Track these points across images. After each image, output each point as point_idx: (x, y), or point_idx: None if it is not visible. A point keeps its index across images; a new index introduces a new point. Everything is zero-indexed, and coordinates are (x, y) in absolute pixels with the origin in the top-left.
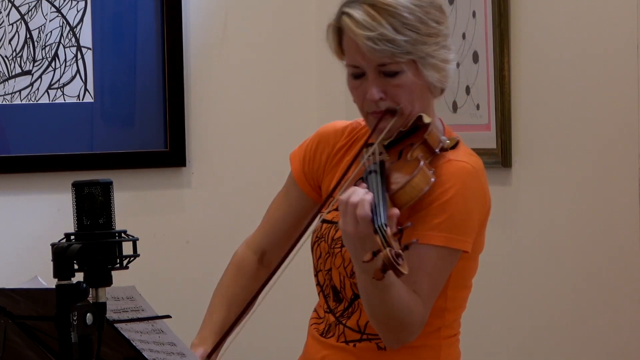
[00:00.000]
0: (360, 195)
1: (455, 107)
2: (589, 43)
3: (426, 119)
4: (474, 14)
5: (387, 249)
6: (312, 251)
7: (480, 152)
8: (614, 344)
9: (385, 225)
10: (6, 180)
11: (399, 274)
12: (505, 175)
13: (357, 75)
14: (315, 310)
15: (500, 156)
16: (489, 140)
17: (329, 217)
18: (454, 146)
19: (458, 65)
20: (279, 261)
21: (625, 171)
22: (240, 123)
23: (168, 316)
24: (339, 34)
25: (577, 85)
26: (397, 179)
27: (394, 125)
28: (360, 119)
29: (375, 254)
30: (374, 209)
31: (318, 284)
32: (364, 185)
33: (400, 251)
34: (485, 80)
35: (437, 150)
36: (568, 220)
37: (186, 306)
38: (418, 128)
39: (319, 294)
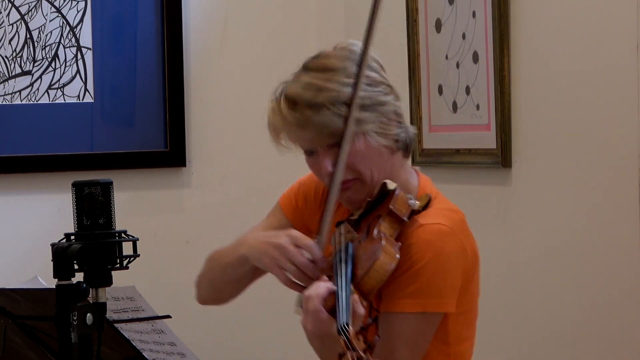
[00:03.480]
0: (313, 290)
1: (455, 107)
2: (589, 43)
3: (390, 185)
4: (474, 14)
5: (349, 351)
6: None
7: (480, 152)
8: (614, 343)
9: (347, 325)
10: (6, 180)
11: None
12: (505, 175)
13: (310, 153)
14: None
15: (500, 156)
16: (489, 140)
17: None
18: (426, 205)
19: (458, 65)
20: None
21: (625, 171)
22: (240, 123)
23: (168, 316)
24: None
25: (577, 85)
26: (363, 262)
27: (361, 194)
28: None
29: (340, 356)
30: (338, 304)
31: None
32: (327, 278)
33: (362, 353)
34: (485, 80)
35: (405, 218)
36: (568, 220)
37: (186, 306)
38: (385, 195)
39: None
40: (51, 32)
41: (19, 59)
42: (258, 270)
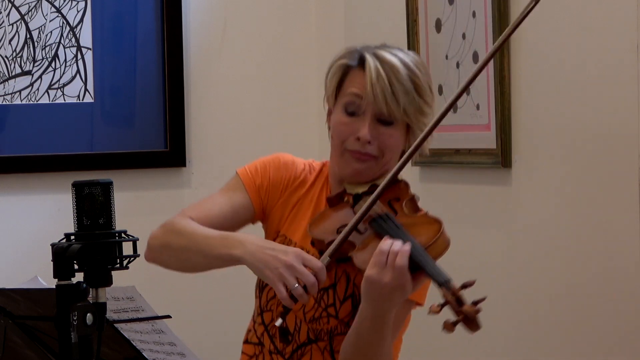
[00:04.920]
0: (399, 245)
1: (455, 107)
2: (589, 43)
3: (403, 181)
4: (474, 14)
5: (465, 305)
6: (260, 291)
7: (480, 152)
8: (613, 343)
9: (450, 280)
10: (6, 180)
11: (474, 328)
12: (505, 175)
13: (351, 113)
14: (244, 353)
15: (500, 156)
16: (489, 140)
17: None
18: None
19: (458, 65)
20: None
21: (625, 171)
22: (240, 123)
23: (168, 316)
24: (346, 71)
25: (577, 85)
26: (424, 233)
27: (370, 172)
28: (313, 162)
29: (442, 306)
30: (422, 261)
31: (262, 323)
32: (387, 237)
33: (478, 307)
34: (485, 80)
35: (420, 209)
36: (568, 220)
37: (186, 306)
38: (394, 183)
39: (261, 335)
40: (51, 32)
41: (19, 59)
42: None
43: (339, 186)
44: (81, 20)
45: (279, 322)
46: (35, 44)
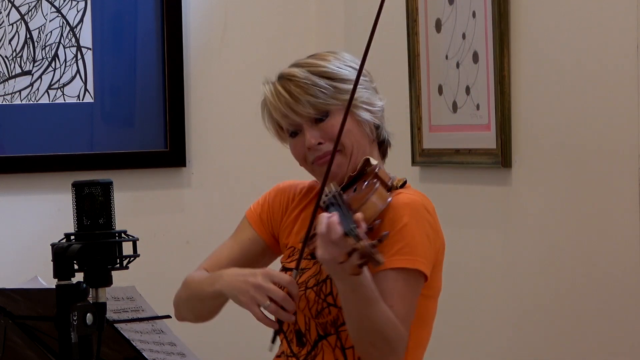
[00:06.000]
0: (326, 220)
1: (455, 107)
2: (589, 43)
3: (373, 161)
4: (474, 14)
5: (361, 241)
6: None
7: (480, 152)
8: (613, 344)
9: (354, 227)
10: (6, 180)
11: (375, 263)
12: (505, 176)
13: (295, 134)
14: None
15: (500, 156)
16: (489, 140)
17: (289, 265)
18: (402, 185)
19: (458, 65)
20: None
21: (625, 171)
22: (240, 123)
23: (168, 316)
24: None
25: (577, 85)
26: (358, 199)
27: (342, 167)
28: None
29: (350, 253)
30: (343, 222)
31: (281, 330)
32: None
33: (374, 242)
34: (485, 80)
35: (388, 183)
36: (568, 220)
37: None
38: (366, 171)
39: (281, 341)
40: (51, 32)
41: (19, 59)
42: None
43: None
44: (81, 20)
45: (269, 346)
46: (35, 44)
